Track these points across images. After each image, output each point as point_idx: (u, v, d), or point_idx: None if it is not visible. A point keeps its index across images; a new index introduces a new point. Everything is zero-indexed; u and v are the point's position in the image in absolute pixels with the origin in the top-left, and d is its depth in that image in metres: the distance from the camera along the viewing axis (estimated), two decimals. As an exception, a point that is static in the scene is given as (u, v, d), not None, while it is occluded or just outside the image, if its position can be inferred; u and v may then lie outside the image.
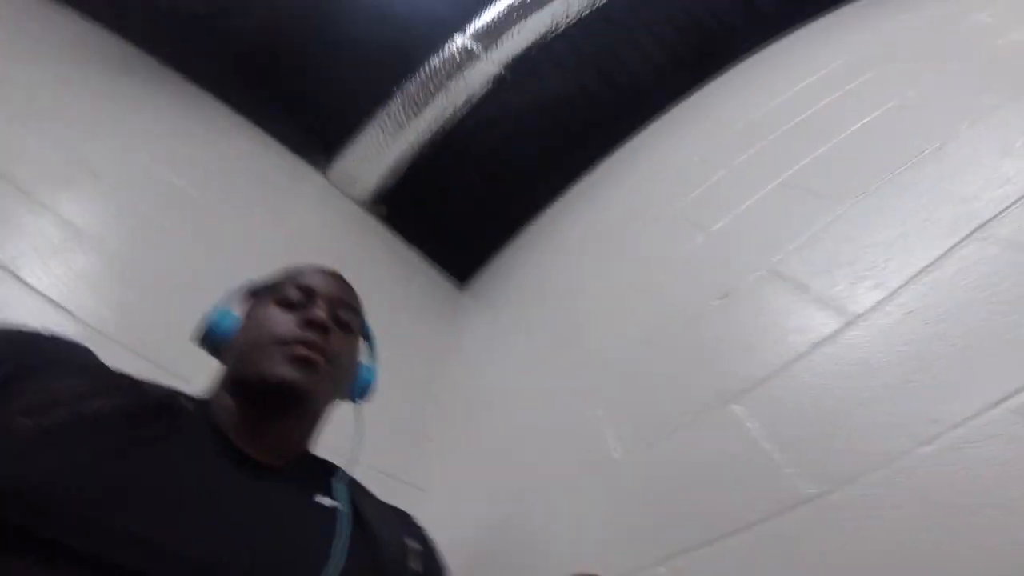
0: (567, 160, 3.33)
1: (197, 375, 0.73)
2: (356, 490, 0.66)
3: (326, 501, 0.59)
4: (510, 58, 2.95)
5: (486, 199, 3.56)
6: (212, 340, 0.70)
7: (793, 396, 0.70)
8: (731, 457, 0.72)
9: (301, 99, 3.34)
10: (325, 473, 0.65)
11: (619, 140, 3.14)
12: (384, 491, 1.37)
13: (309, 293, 0.69)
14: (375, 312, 2.18)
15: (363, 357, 0.84)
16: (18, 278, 1.25)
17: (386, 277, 2.89)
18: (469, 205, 3.59)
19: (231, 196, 2.35)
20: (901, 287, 0.71)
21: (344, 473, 0.66)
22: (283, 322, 0.64)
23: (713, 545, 0.66)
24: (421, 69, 2.97)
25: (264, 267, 0.83)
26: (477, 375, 2.00)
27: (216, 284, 0.83)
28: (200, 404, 0.61)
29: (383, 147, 3.11)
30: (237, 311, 0.73)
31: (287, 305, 0.67)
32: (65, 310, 1.26)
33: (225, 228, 2.11)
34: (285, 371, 0.58)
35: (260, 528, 0.50)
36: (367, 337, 0.84)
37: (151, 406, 0.52)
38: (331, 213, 3.11)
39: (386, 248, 3.24)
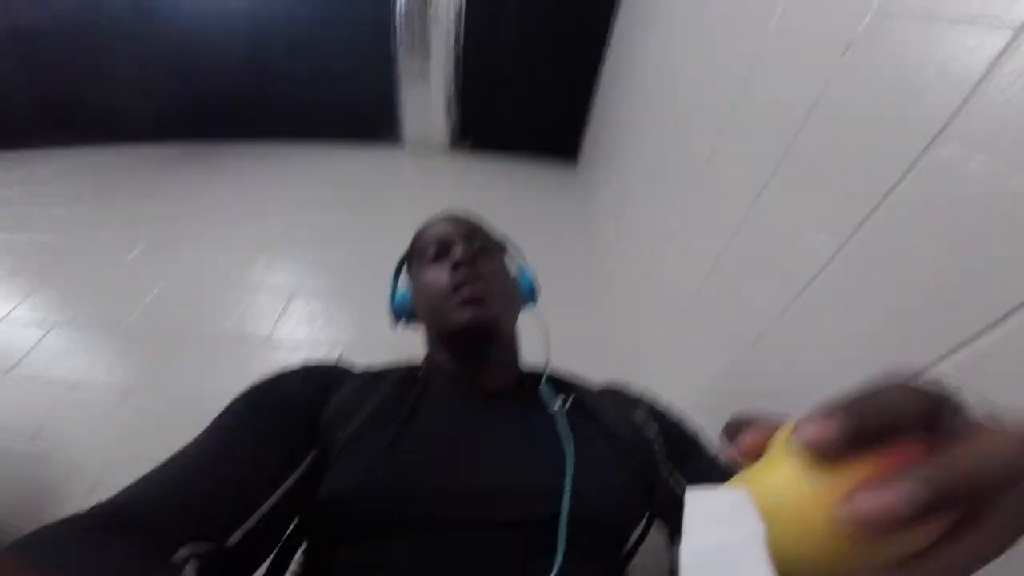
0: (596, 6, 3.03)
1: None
2: (568, 388, 0.70)
3: (549, 408, 0.64)
4: None
5: (545, 74, 3.43)
6: (403, 318, 0.79)
7: (1001, 114, 0.53)
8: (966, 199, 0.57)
9: (339, 100, 3.63)
10: (538, 384, 0.69)
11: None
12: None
13: (443, 242, 0.74)
14: (525, 234, 2.40)
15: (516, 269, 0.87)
16: (277, 341, 1.71)
17: (515, 195, 3.06)
18: (534, 89, 3.50)
19: (357, 200, 2.75)
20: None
21: (550, 378, 0.71)
22: (438, 278, 0.69)
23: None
24: (396, 18, 2.94)
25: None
26: (637, 238, 1.97)
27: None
28: (427, 364, 0.72)
29: (425, 94, 3.20)
30: (404, 286, 0.83)
31: (436, 260, 0.73)
32: (316, 342, 1.69)
33: (372, 222, 2.50)
34: (464, 315, 0.65)
35: (513, 444, 0.57)
36: (508, 248, 0.87)
37: (397, 387, 0.63)
38: (433, 172, 3.35)
39: (496, 170, 3.38)
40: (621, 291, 2.06)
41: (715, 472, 0.62)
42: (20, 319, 1.79)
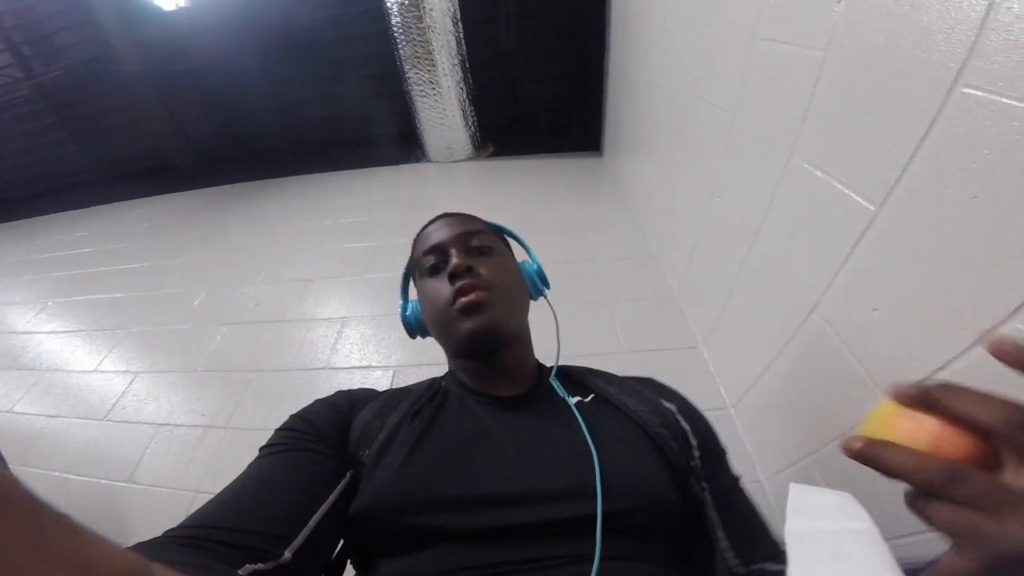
0: None
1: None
2: (586, 380, 0.71)
3: (566, 402, 0.64)
4: None
5: (552, 68, 3.42)
6: (415, 330, 0.79)
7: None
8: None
9: (360, 125, 3.79)
10: (557, 380, 0.69)
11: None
12: (663, 363, 1.62)
13: (439, 249, 0.71)
14: (564, 224, 2.42)
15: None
16: (336, 367, 1.80)
17: (548, 189, 3.07)
18: (544, 85, 3.50)
19: (393, 221, 2.82)
20: None
21: (570, 372, 0.71)
22: (438, 289, 0.67)
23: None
24: (394, 34, 2.99)
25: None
26: (674, 217, 1.95)
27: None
28: (449, 376, 0.72)
29: (439, 105, 3.23)
30: (413, 296, 0.81)
31: (433, 271, 0.70)
32: (371, 367, 1.76)
33: (409, 241, 2.52)
34: (467, 325, 0.63)
35: (535, 447, 0.57)
36: (512, 236, 0.85)
37: (422, 400, 0.64)
38: (461, 181, 3.40)
39: (521, 170, 3.40)
40: (667, 269, 2.04)
41: (737, 494, 0.60)
42: (109, 369, 1.97)
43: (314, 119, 3.81)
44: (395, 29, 2.96)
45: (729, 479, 0.62)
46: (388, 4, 2.88)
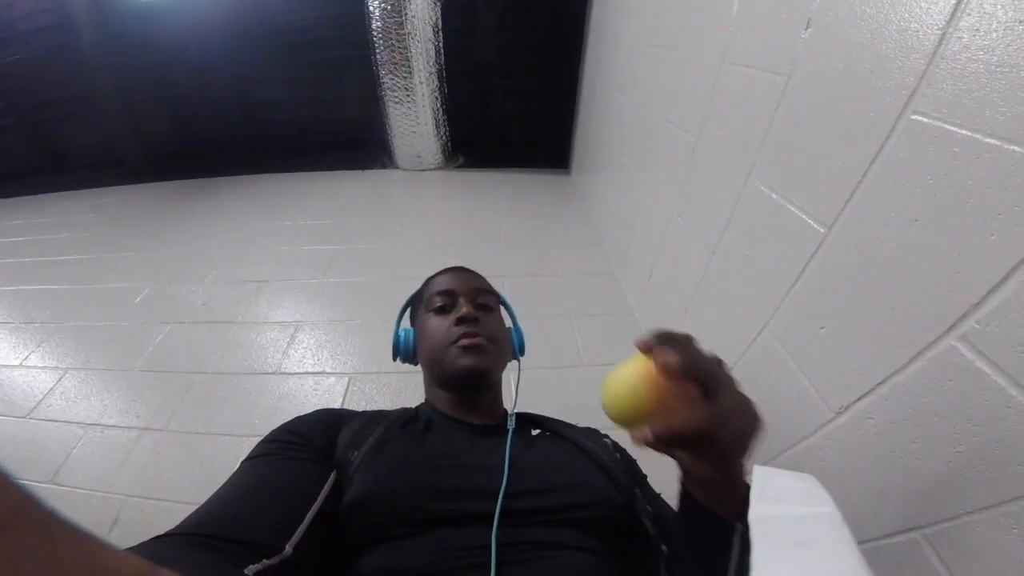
0: (564, 11, 3.08)
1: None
2: (548, 423, 0.80)
3: (529, 435, 0.75)
4: None
5: (526, 84, 3.48)
6: (404, 356, 0.86)
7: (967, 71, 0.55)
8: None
9: (327, 126, 3.74)
10: (523, 422, 0.78)
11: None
12: None
13: (451, 295, 0.82)
14: (529, 238, 2.44)
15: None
16: (286, 373, 1.73)
17: (514, 203, 3.09)
18: (518, 101, 3.56)
19: (356, 226, 2.77)
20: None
21: (519, 415, 0.79)
22: (443, 328, 0.77)
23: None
24: (372, 36, 3.00)
25: (417, 264, 1.00)
26: (636, 236, 2.00)
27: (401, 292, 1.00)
28: (427, 405, 0.80)
29: (412, 113, 3.23)
30: (410, 324, 0.91)
31: (440, 311, 0.81)
32: (324, 373, 1.71)
33: (372, 247, 2.53)
34: (465, 362, 0.73)
35: (497, 465, 0.63)
36: (505, 306, 0.95)
37: (404, 419, 0.71)
38: (429, 191, 3.38)
39: (489, 183, 3.42)
40: (626, 286, 2.08)
41: (661, 503, 0.69)
42: (36, 365, 1.82)
43: (281, 119, 3.74)
44: (375, 34, 2.95)
45: (651, 491, 0.72)
46: (371, 8, 2.87)
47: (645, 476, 0.76)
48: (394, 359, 0.88)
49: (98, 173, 3.73)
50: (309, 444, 0.62)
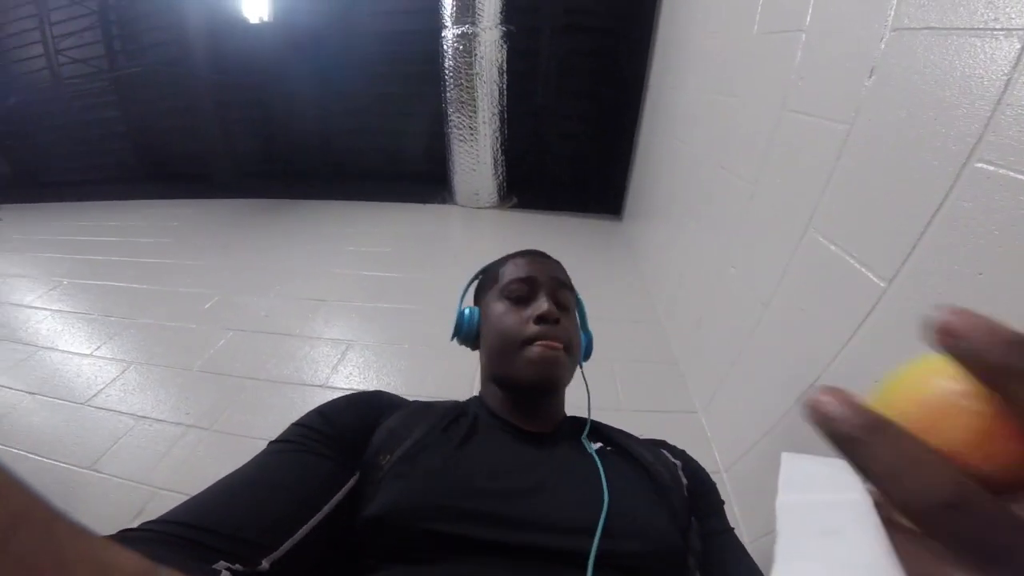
0: (625, 60, 3.19)
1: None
2: (609, 433, 0.72)
3: (587, 449, 0.65)
4: (498, 13, 3.01)
5: (584, 129, 3.58)
6: (465, 337, 0.77)
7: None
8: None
9: (397, 160, 3.99)
10: (579, 428, 0.71)
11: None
12: (661, 425, 1.62)
13: (531, 283, 0.72)
14: (578, 283, 2.45)
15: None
16: (332, 387, 1.79)
17: (565, 245, 3.10)
18: (575, 145, 3.65)
19: (411, 256, 2.90)
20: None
21: (589, 424, 0.73)
22: (516, 322, 0.68)
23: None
24: (445, 74, 3.19)
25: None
26: (686, 284, 2.00)
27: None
28: (478, 401, 0.72)
29: (473, 151, 3.38)
30: (475, 304, 0.81)
31: (516, 301, 0.71)
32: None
33: (425, 277, 2.64)
34: (534, 370, 0.64)
35: (555, 480, 0.58)
36: (579, 305, 0.87)
37: (449, 418, 0.64)
38: (483, 228, 3.50)
39: (541, 224, 3.49)
40: (671, 335, 2.04)
41: (726, 542, 0.61)
42: (105, 356, 1.97)
43: (354, 148, 4.01)
44: (446, 72, 3.15)
45: (718, 524, 0.62)
46: (444, 47, 3.08)
47: (722, 503, 0.66)
48: (452, 338, 0.79)
49: (187, 184, 4.11)
50: (339, 437, 0.58)
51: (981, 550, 0.17)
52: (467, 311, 0.77)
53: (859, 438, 0.20)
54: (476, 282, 0.85)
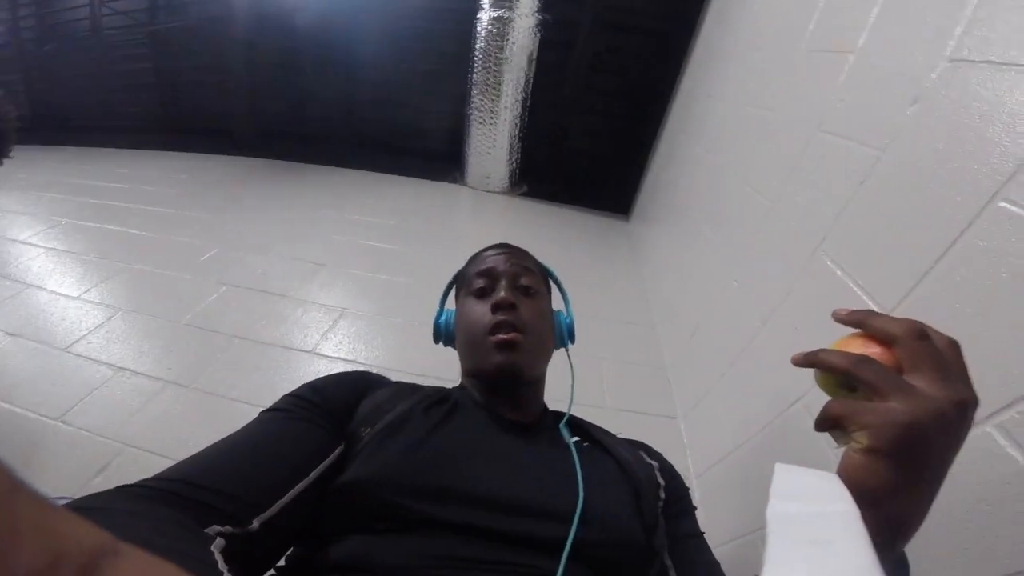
0: (660, 63, 3.14)
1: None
2: (589, 429, 0.73)
3: (564, 442, 0.67)
4: (537, 1, 2.97)
5: (605, 128, 3.55)
6: (444, 338, 0.82)
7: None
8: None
9: (414, 134, 3.97)
10: (557, 421, 0.73)
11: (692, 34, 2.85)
12: (640, 427, 1.62)
13: (491, 275, 0.75)
14: (577, 277, 2.46)
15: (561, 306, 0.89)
16: (320, 354, 1.77)
17: (569, 239, 3.13)
18: (593, 143, 3.62)
19: (415, 231, 2.88)
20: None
21: (569, 417, 0.74)
22: (479, 314, 0.71)
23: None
24: (474, 56, 3.15)
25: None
26: (688, 291, 1.97)
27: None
28: (460, 390, 0.73)
29: (491, 135, 3.36)
30: (452, 306, 0.84)
31: (479, 294, 0.74)
32: (356, 362, 1.73)
33: (426, 254, 2.63)
34: (496, 359, 0.67)
35: (530, 467, 0.60)
36: (557, 285, 0.89)
37: (433, 399, 0.66)
38: (490, 211, 3.48)
39: (547, 215, 3.47)
40: (664, 341, 2.03)
41: (699, 545, 0.64)
42: (93, 300, 1.95)
43: (375, 119, 4.00)
44: (476, 54, 3.13)
45: (690, 528, 0.65)
46: (478, 29, 3.05)
47: (694, 508, 0.70)
48: (436, 341, 0.83)
49: (206, 139, 4.09)
50: (329, 409, 0.60)
51: (937, 360, 0.36)
52: (443, 315, 0.82)
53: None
54: (453, 288, 0.88)
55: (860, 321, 0.40)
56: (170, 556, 0.22)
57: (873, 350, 0.38)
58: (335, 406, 0.61)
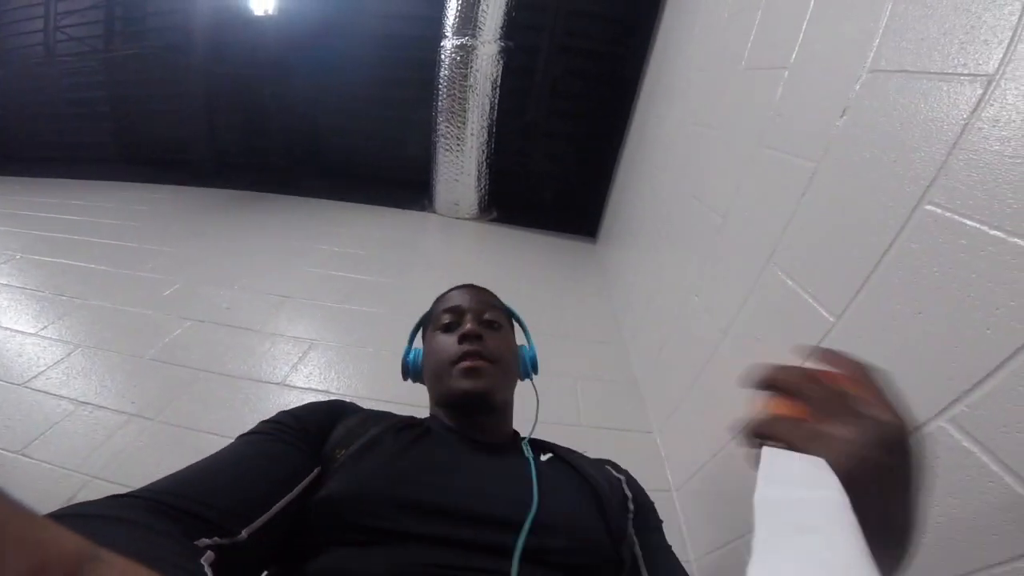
0: (617, 86, 3.27)
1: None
2: (554, 448, 0.77)
3: (529, 455, 0.71)
4: (499, 29, 3.06)
5: (568, 151, 3.65)
6: (412, 374, 0.86)
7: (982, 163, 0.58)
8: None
9: (381, 163, 3.99)
10: (531, 446, 0.75)
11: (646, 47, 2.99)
12: (618, 443, 1.63)
13: (457, 312, 0.81)
14: (547, 299, 2.48)
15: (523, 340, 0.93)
16: (291, 386, 1.74)
17: (538, 263, 3.16)
18: (559, 170, 3.72)
19: (384, 260, 2.87)
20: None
21: (530, 440, 0.78)
22: (447, 345, 0.76)
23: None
24: (439, 83, 3.22)
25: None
26: (653, 307, 2.03)
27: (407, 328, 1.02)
28: (430, 419, 0.78)
29: (460, 163, 3.41)
30: (419, 345, 0.89)
31: (446, 329, 0.79)
32: (328, 392, 1.71)
33: (396, 283, 2.62)
34: (463, 385, 0.71)
35: (495, 480, 0.63)
36: (518, 322, 0.95)
37: (405, 423, 0.70)
38: (459, 238, 3.50)
39: (517, 240, 3.51)
40: (634, 358, 2.07)
41: (667, 556, 0.66)
42: (51, 336, 1.88)
43: (339, 148, 4.01)
44: (440, 81, 3.17)
45: (662, 542, 0.68)
46: (442, 57, 3.11)
47: (661, 522, 0.72)
48: (404, 378, 0.88)
49: (163, 170, 4.01)
50: (305, 433, 0.63)
51: (838, 402, 0.36)
52: (412, 353, 0.87)
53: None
54: (421, 328, 0.92)
55: (768, 381, 0.41)
56: (157, 565, 0.22)
57: (777, 404, 0.39)
58: (311, 430, 0.64)
